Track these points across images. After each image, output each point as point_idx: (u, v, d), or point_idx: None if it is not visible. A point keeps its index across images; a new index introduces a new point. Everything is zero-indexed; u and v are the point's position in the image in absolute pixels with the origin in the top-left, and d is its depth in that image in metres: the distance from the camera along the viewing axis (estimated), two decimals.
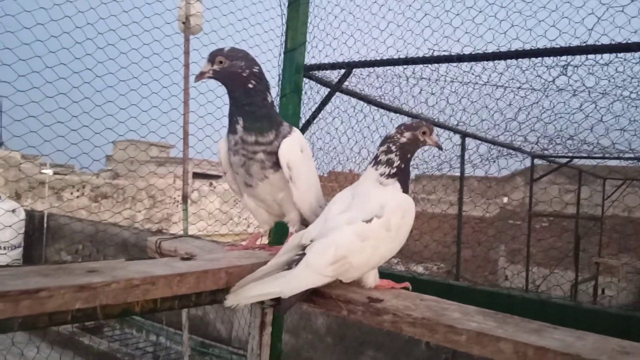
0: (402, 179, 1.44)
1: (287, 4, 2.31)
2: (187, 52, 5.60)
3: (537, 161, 5.17)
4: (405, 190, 1.44)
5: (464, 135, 4.14)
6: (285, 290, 1.23)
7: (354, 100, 2.91)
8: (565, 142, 4.70)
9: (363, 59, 2.42)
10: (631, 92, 3.57)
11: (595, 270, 7.65)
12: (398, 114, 3.36)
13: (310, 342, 9.58)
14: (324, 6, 2.54)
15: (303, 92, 2.36)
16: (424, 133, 1.46)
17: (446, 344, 1.19)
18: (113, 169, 23.44)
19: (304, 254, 1.31)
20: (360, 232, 1.32)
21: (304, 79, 2.35)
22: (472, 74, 2.92)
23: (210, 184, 20.63)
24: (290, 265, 1.32)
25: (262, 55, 3.29)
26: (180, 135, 4.94)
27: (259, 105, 1.50)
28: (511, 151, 4.66)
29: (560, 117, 4.14)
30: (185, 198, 6.11)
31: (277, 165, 1.51)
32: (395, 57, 2.36)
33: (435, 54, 2.34)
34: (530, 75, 3.08)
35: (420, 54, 2.34)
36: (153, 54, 3.45)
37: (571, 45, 2.34)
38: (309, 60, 2.34)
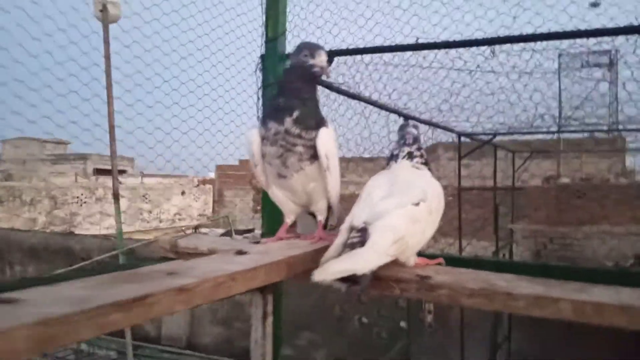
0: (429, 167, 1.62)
1: None
2: (107, 42, 5.32)
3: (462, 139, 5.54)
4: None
5: (406, 117, 4.34)
6: (358, 267, 1.28)
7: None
8: (487, 120, 5.09)
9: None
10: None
11: (510, 236, 8.37)
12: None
13: (244, 331, 9.55)
14: None
15: None
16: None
17: (504, 309, 1.32)
18: (5, 170, 21.57)
19: (359, 236, 1.37)
20: (411, 215, 1.42)
21: None
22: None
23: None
24: (346, 246, 1.37)
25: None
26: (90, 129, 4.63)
27: (315, 102, 1.58)
28: (444, 130, 4.97)
29: (487, 96, 4.48)
30: (116, 196, 5.84)
31: (313, 157, 1.57)
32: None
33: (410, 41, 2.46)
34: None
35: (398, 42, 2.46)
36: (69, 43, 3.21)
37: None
38: (290, 50, 2.36)
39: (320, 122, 1.58)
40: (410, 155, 1.60)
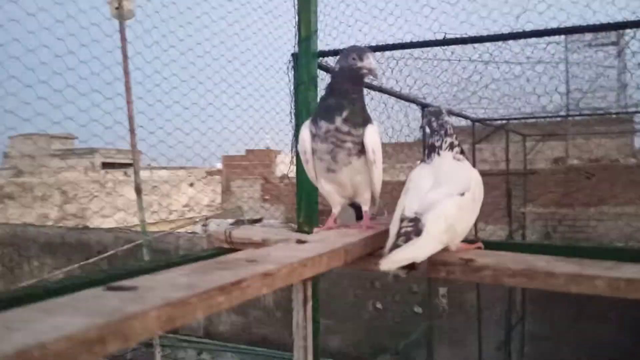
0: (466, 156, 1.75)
1: None
2: (124, 39, 5.43)
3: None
4: None
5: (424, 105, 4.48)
6: (418, 255, 1.40)
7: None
8: (500, 105, 5.22)
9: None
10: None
11: (522, 219, 8.50)
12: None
13: (260, 318, 9.76)
14: None
15: (319, 79, 2.50)
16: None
17: (544, 287, 1.45)
18: (14, 166, 21.77)
19: (412, 226, 1.50)
20: (459, 204, 1.55)
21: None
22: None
23: (125, 173, 19.88)
24: (400, 236, 1.50)
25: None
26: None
27: (362, 102, 1.71)
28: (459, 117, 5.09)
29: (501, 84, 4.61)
30: (138, 190, 5.99)
31: (360, 152, 1.71)
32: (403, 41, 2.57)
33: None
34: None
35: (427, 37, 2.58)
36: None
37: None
38: (322, 48, 2.48)
39: (366, 120, 1.72)
40: (451, 146, 1.72)
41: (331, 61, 2.59)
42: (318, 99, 2.64)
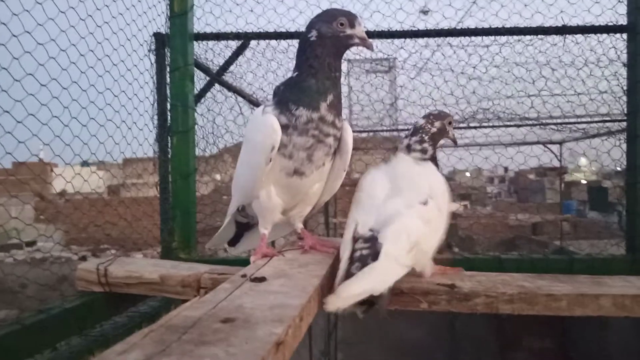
0: (435, 163, 1.44)
1: None
2: None
3: None
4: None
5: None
6: (376, 287, 1.07)
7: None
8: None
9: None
10: None
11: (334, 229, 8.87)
12: None
13: None
14: None
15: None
16: (449, 123, 1.47)
17: (546, 312, 1.24)
18: None
19: (368, 247, 1.16)
20: (422, 215, 1.25)
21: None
22: None
23: None
24: (355, 261, 1.15)
25: None
26: None
27: (340, 82, 1.32)
28: None
29: None
30: None
31: (334, 153, 1.36)
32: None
33: None
34: None
35: None
36: None
37: None
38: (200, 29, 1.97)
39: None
40: (408, 148, 1.41)
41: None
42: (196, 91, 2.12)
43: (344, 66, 3.00)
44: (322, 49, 1.29)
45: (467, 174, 17.33)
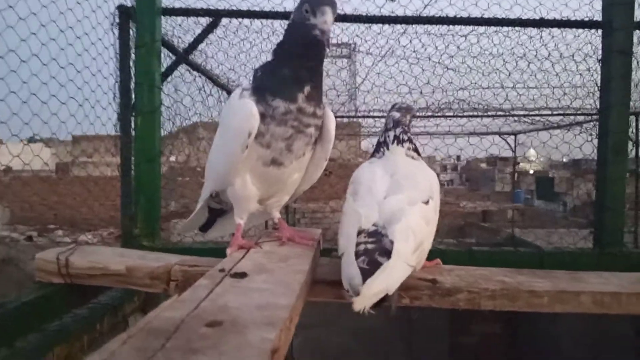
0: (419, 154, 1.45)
1: None
2: None
3: None
4: None
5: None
6: (391, 284, 1.06)
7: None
8: None
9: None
10: None
11: (286, 213, 8.75)
12: None
13: None
14: None
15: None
16: (413, 116, 1.50)
17: (527, 308, 1.23)
18: None
19: (373, 242, 1.13)
20: (424, 215, 1.23)
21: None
22: None
23: None
24: (360, 255, 1.11)
25: None
26: None
27: (321, 71, 1.26)
28: None
29: None
30: None
31: (315, 142, 1.32)
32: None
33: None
34: None
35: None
36: None
37: None
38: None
39: (322, 95, 1.30)
40: (398, 140, 1.40)
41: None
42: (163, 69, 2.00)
43: None
44: (294, 36, 1.24)
45: None
